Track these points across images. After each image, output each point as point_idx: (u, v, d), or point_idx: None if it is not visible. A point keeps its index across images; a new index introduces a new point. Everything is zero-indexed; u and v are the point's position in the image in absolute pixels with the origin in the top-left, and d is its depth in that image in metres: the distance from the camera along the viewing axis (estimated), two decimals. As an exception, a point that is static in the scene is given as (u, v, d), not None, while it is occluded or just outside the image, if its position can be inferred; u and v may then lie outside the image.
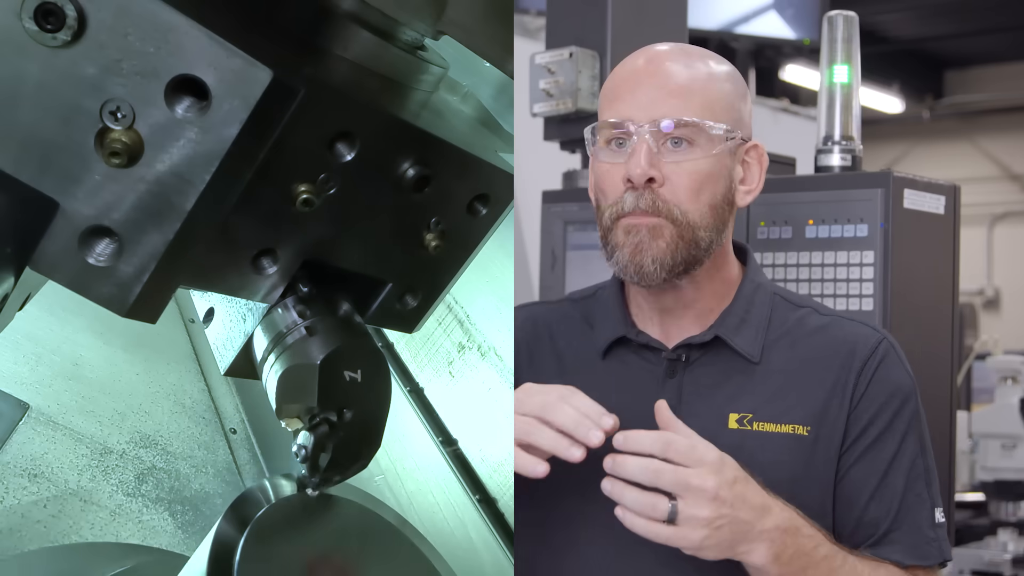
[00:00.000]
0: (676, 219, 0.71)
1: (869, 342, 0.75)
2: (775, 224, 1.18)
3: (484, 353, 1.37)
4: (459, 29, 0.71)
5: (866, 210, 1.12)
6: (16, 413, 1.25)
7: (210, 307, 0.79)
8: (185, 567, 0.69)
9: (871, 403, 0.74)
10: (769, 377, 0.75)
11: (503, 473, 1.28)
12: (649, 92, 0.72)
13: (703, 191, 0.72)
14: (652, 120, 0.71)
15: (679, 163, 0.71)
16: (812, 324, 0.77)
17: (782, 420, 0.73)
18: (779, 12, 3.15)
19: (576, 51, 1.28)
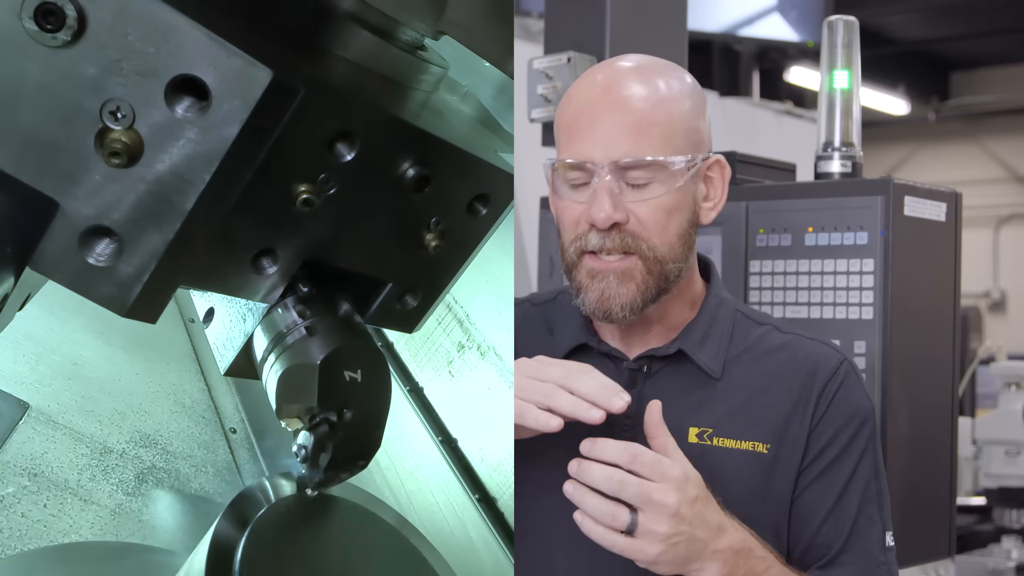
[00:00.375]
0: (645, 255, 0.71)
1: (830, 363, 0.76)
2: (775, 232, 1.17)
3: (484, 353, 1.37)
4: (459, 29, 0.71)
5: (866, 217, 1.11)
6: (16, 412, 1.25)
7: (210, 307, 0.79)
8: (184, 565, 0.69)
9: (830, 424, 0.74)
10: (730, 393, 0.75)
11: (503, 472, 1.28)
12: (608, 128, 0.70)
13: (670, 223, 0.71)
14: (612, 161, 0.70)
15: (644, 200, 0.70)
16: (773, 342, 0.77)
17: (742, 436, 0.74)
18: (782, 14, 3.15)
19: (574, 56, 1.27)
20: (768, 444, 0.73)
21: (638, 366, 0.76)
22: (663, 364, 0.76)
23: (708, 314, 0.77)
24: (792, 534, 0.75)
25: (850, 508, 0.74)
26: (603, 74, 0.73)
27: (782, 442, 0.74)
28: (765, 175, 1.29)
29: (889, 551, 0.75)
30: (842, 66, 1.18)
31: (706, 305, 0.77)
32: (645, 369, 0.75)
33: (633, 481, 0.65)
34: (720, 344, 0.76)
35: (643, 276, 0.71)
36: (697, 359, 0.75)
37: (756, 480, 0.73)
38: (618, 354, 0.76)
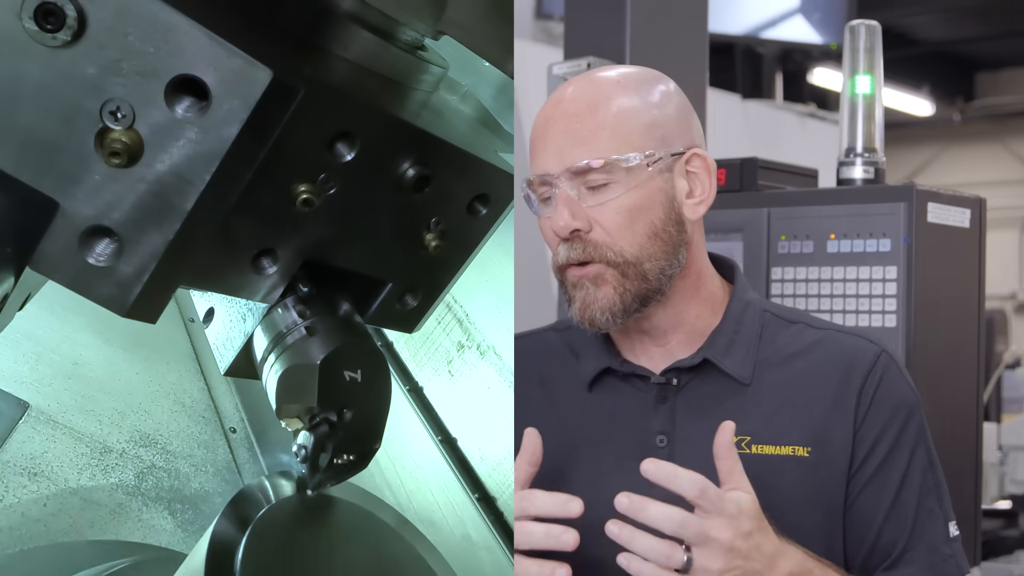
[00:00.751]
0: (612, 260, 0.70)
1: (867, 356, 0.73)
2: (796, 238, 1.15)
3: (483, 352, 1.38)
4: (459, 29, 0.71)
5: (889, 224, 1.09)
6: (16, 412, 1.25)
7: (210, 307, 0.79)
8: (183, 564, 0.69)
9: (876, 421, 0.72)
10: (764, 397, 0.73)
11: (502, 472, 1.28)
12: (557, 141, 0.70)
13: (636, 223, 0.70)
14: (565, 169, 0.69)
15: (603, 204, 0.69)
16: (806, 340, 0.75)
17: (781, 441, 0.71)
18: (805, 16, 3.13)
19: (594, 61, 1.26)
20: (808, 447, 0.71)
21: (666, 380, 0.74)
22: (691, 375, 0.74)
23: (733, 318, 0.74)
24: (852, 541, 0.72)
25: (909, 504, 0.71)
26: (552, 101, 0.73)
27: (824, 444, 0.71)
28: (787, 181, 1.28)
29: (954, 542, 0.73)
30: (864, 71, 1.17)
31: (731, 309, 0.75)
32: (674, 383, 0.73)
33: (694, 520, 0.62)
34: (748, 348, 0.73)
35: (617, 279, 0.70)
36: (724, 366, 0.73)
37: (800, 485, 0.71)
38: (644, 372, 0.75)
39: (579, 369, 0.77)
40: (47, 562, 1.02)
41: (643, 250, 0.70)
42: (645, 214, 0.70)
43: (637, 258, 0.70)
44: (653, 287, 0.71)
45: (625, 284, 0.70)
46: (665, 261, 0.71)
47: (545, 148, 0.71)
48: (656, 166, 0.70)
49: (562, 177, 0.69)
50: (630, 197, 0.69)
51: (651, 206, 0.70)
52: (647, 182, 0.70)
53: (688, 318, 0.74)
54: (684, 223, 0.72)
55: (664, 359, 0.75)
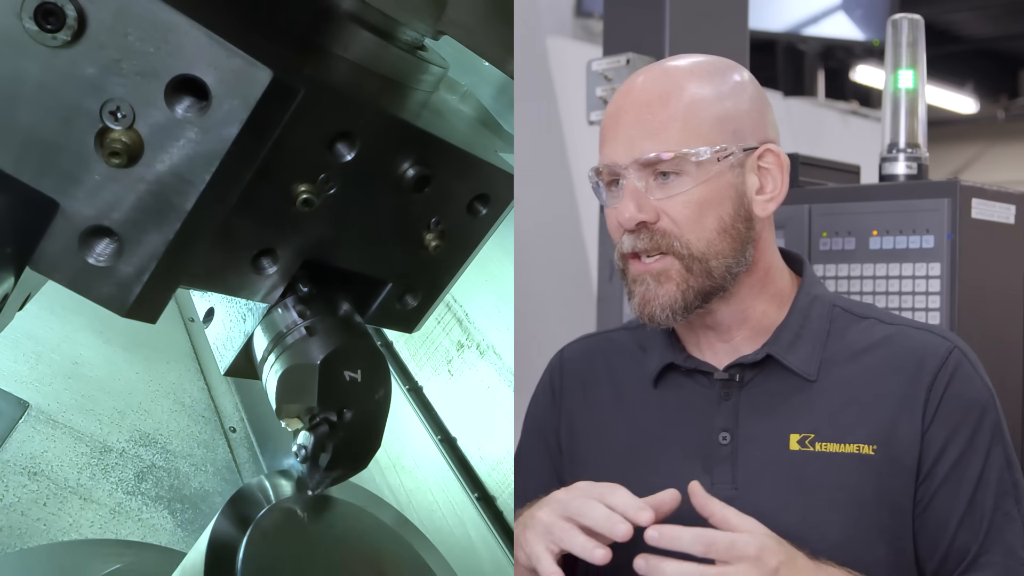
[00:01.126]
0: (679, 253, 0.68)
1: (938, 353, 0.70)
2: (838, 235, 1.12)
3: (483, 352, 1.38)
4: (459, 29, 0.70)
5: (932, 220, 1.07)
6: (16, 411, 1.25)
7: (210, 307, 0.79)
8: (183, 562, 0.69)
9: (947, 421, 0.69)
10: (829, 394, 0.70)
11: (501, 471, 1.28)
12: (628, 131, 0.69)
13: (705, 218, 0.68)
14: (634, 160, 0.68)
15: (672, 196, 0.68)
16: (876, 335, 0.72)
17: (846, 439, 0.69)
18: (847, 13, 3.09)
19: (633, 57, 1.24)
20: (874, 445, 0.68)
21: (729, 376, 0.72)
22: (755, 372, 0.72)
23: (799, 313, 0.72)
24: (925, 545, 0.69)
25: (984, 506, 0.68)
26: (625, 88, 0.72)
27: (890, 442, 0.69)
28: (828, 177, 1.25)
29: None
30: (907, 65, 1.15)
31: (797, 304, 0.73)
32: (737, 379, 0.72)
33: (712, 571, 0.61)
34: (814, 344, 0.71)
35: (682, 275, 0.68)
36: (788, 363, 0.71)
37: (865, 484, 0.68)
38: (707, 367, 0.73)
39: (645, 365, 0.76)
40: (47, 561, 1.02)
41: (711, 246, 0.68)
42: (714, 209, 0.68)
43: (704, 253, 0.68)
44: (717, 284, 0.69)
45: (689, 280, 0.68)
46: (732, 258, 0.69)
47: (615, 138, 0.70)
48: (727, 161, 0.68)
49: (630, 168, 0.68)
50: (699, 191, 0.68)
51: (720, 201, 0.69)
52: (717, 177, 0.68)
53: (754, 314, 0.72)
54: (753, 219, 0.70)
55: (729, 355, 0.73)
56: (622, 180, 0.69)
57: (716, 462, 0.71)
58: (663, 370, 0.75)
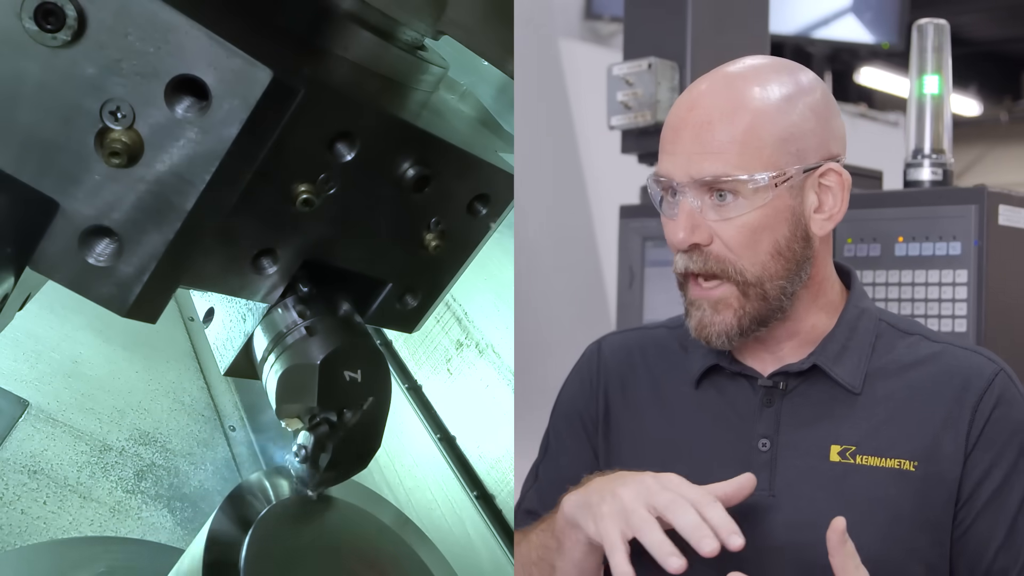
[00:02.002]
0: (733, 278, 0.67)
1: (984, 374, 0.70)
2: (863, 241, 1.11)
3: (482, 350, 1.38)
4: (459, 29, 0.70)
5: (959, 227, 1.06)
6: (16, 410, 1.25)
7: (210, 307, 0.79)
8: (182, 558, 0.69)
9: (991, 444, 0.68)
10: (873, 408, 0.69)
11: (500, 470, 1.29)
12: (687, 147, 0.67)
13: (760, 242, 0.67)
14: (691, 179, 0.67)
15: (728, 219, 0.67)
16: (921, 352, 0.72)
17: (887, 454, 0.68)
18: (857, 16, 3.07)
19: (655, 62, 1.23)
20: (915, 461, 0.68)
21: (773, 383, 0.71)
22: (799, 380, 0.71)
23: (847, 325, 0.72)
24: (964, 567, 0.69)
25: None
26: (690, 96, 0.70)
27: (931, 460, 0.68)
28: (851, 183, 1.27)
29: None
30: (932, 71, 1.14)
31: (845, 316, 0.72)
32: (781, 386, 0.71)
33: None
34: (860, 357, 0.71)
35: (739, 302, 0.68)
36: (834, 374, 0.70)
37: (904, 500, 0.68)
38: (751, 372, 0.73)
39: (687, 365, 0.75)
40: (47, 558, 1.02)
41: (765, 269, 0.68)
42: (769, 233, 0.67)
43: (758, 278, 0.67)
44: (773, 307, 0.68)
45: (746, 307, 0.68)
46: (787, 280, 0.68)
47: (674, 152, 0.68)
48: (786, 185, 0.67)
49: (688, 187, 0.67)
50: (755, 216, 0.67)
51: (776, 224, 0.67)
52: (774, 201, 0.67)
53: (804, 327, 0.72)
54: (811, 239, 0.69)
55: (773, 363, 0.73)
56: (678, 195, 0.68)
57: (754, 468, 0.70)
58: (706, 372, 0.74)
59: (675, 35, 1.26)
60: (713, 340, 0.69)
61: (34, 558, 1.02)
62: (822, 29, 3.15)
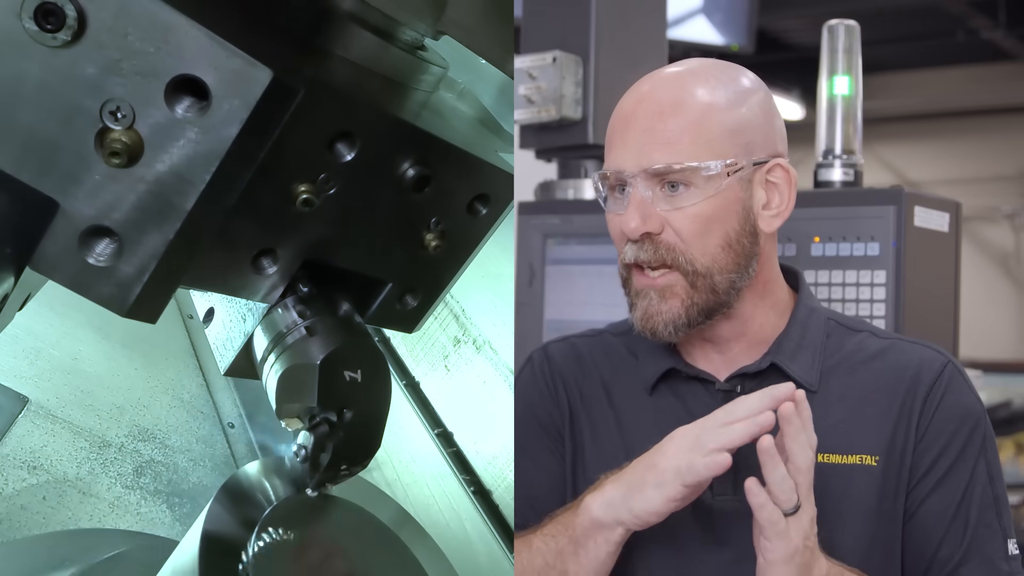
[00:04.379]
0: (682, 267, 0.67)
1: (934, 366, 0.71)
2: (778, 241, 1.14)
3: (479, 347, 1.38)
4: (459, 29, 0.70)
5: (877, 228, 1.07)
6: (15, 406, 1.25)
7: (210, 307, 0.80)
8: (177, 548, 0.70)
9: (940, 433, 0.70)
10: (830, 406, 0.71)
11: (497, 465, 1.29)
12: (638, 138, 0.68)
13: (710, 233, 0.67)
14: (642, 170, 0.67)
15: (679, 208, 0.67)
16: (871, 348, 0.73)
17: (848, 450, 0.69)
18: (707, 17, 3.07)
19: (560, 55, 1.22)
20: (876, 456, 0.69)
21: (731, 387, 0.72)
22: (757, 381, 0.72)
23: (799, 324, 0.72)
24: (912, 552, 0.70)
25: (968, 517, 0.69)
26: (637, 92, 0.70)
27: (890, 453, 0.69)
28: None
29: (1013, 560, 0.70)
30: (843, 71, 1.15)
31: (796, 315, 0.73)
32: (739, 389, 0.72)
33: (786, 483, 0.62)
34: (814, 355, 0.72)
35: (687, 291, 0.68)
36: (791, 371, 0.71)
37: (868, 495, 0.69)
38: (708, 376, 0.73)
39: (640, 371, 0.75)
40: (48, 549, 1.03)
41: (715, 261, 0.68)
42: (720, 224, 0.68)
43: (708, 269, 0.68)
44: (721, 300, 0.69)
45: (693, 297, 0.68)
46: (736, 274, 0.69)
47: (624, 145, 0.68)
48: (736, 175, 0.67)
49: (638, 177, 0.67)
50: (707, 205, 0.67)
51: (727, 216, 0.68)
52: (726, 191, 0.67)
53: (752, 327, 0.72)
54: (758, 234, 0.70)
55: (725, 365, 0.73)
56: (628, 188, 0.68)
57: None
58: (660, 377, 0.75)
59: (579, 29, 1.24)
60: (660, 330, 0.69)
61: (31, 549, 1.03)
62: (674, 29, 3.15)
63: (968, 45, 4.56)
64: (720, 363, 0.74)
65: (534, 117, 1.24)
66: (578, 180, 1.34)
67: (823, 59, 1.18)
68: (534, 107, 1.24)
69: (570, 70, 1.23)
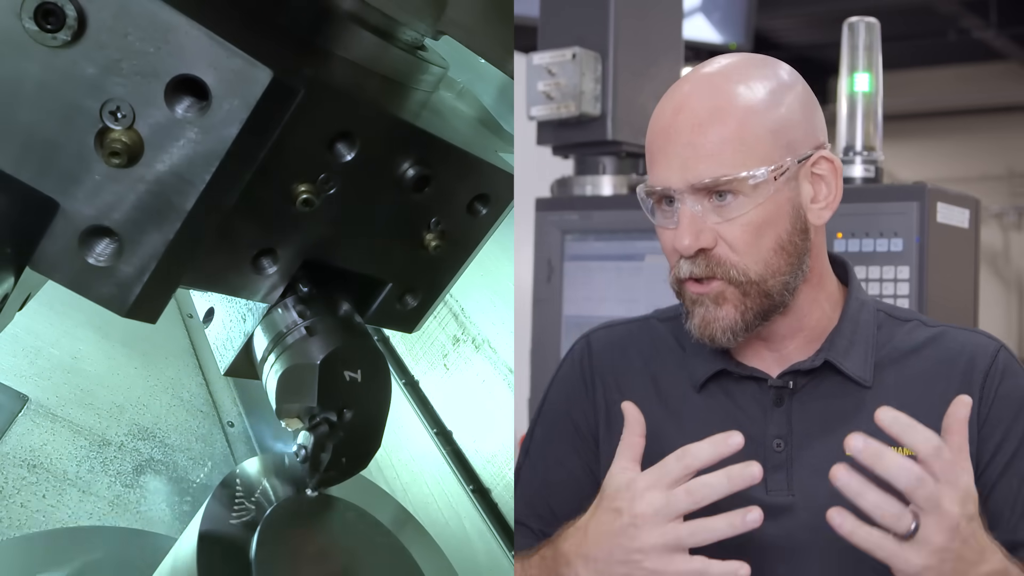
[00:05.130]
0: (734, 279, 0.66)
1: (988, 351, 0.70)
2: None
3: (478, 346, 1.38)
4: (459, 29, 0.70)
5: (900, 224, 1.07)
6: (15, 405, 1.25)
7: (210, 307, 0.80)
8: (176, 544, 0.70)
9: (1001, 418, 0.69)
10: (883, 398, 0.68)
11: (497, 464, 1.29)
12: (680, 152, 0.66)
13: (763, 238, 0.66)
14: (689, 186, 0.66)
15: (730, 220, 0.66)
16: (921, 337, 0.72)
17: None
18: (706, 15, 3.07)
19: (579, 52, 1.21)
20: None
21: (783, 383, 0.70)
22: (809, 378, 0.70)
23: (850, 319, 0.71)
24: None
25: None
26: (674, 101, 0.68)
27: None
28: None
29: None
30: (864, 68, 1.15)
31: (847, 310, 0.71)
32: (791, 385, 0.70)
33: (931, 481, 0.57)
34: (867, 349, 0.70)
35: (738, 298, 0.67)
36: (845, 368, 0.70)
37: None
38: (760, 374, 0.71)
39: (689, 367, 0.74)
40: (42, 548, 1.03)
41: (768, 266, 0.67)
42: (772, 228, 0.67)
43: (761, 276, 0.67)
44: (776, 302, 0.68)
45: (747, 303, 0.67)
46: (790, 275, 0.68)
47: (667, 160, 0.67)
48: (785, 175, 0.66)
49: (685, 193, 0.66)
50: (757, 213, 0.66)
51: (778, 219, 0.67)
52: (774, 195, 0.66)
53: (809, 323, 0.71)
54: (809, 230, 0.68)
55: (778, 362, 0.72)
56: (677, 203, 0.67)
57: (771, 469, 0.69)
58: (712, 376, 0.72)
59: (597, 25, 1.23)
60: (718, 336, 0.68)
61: (29, 546, 1.03)
62: (674, 28, 3.13)
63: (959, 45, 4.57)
64: (772, 360, 0.72)
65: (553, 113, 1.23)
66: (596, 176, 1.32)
67: (843, 56, 1.17)
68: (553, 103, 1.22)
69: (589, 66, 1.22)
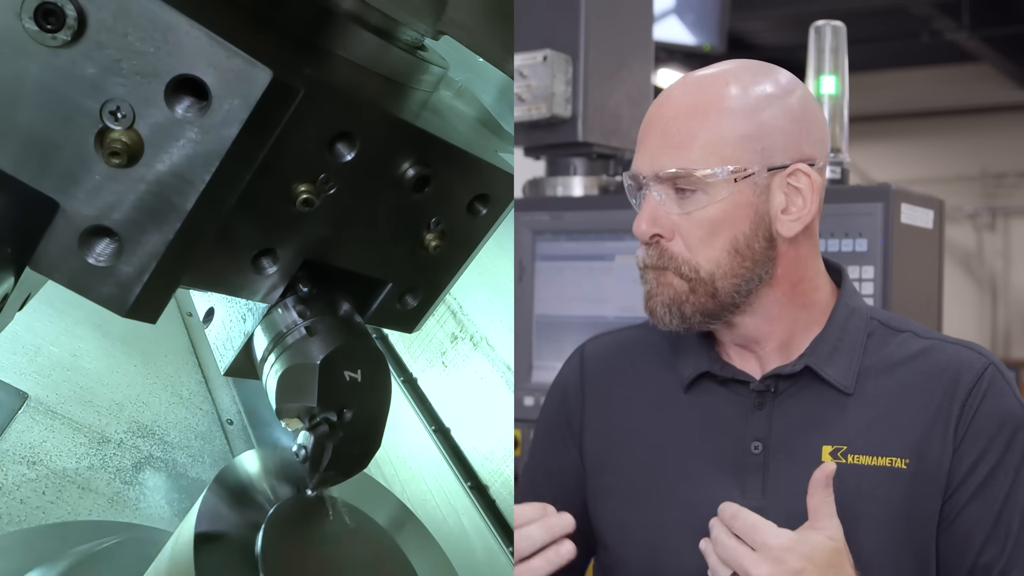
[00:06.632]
0: (685, 274, 0.68)
1: (974, 368, 0.70)
2: None
3: (476, 343, 1.38)
4: (459, 29, 0.70)
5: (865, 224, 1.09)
6: (15, 402, 1.25)
7: (210, 307, 0.80)
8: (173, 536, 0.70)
9: (979, 437, 0.68)
10: (864, 407, 0.70)
11: (495, 461, 1.29)
12: (653, 143, 0.69)
13: (717, 237, 0.67)
14: (654, 174, 0.68)
15: (688, 213, 0.68)
16: (911, 349, 0.72)
17: (878, 452, 0.68)
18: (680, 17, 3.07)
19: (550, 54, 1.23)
20: (907, 459, 0.68)
21: (765, 387, 0.72)
22: (791, 383, 0.71)
23: (837, 326, 0.72)
24: (949, 560, 0.69)
25: (1011, 524, 0.68)
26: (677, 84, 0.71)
27: (923, 456, 0.68)
28: None
29: None
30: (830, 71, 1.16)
31: (835, 316, 0.72)
32: (773, 389, 0.72)
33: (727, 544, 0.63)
34: (852, 357, 0.71)
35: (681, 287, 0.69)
36: (825, 375, 0.70)
37: (896, 498, 0.68)
38: (744, 377, 0.73)
39: (676, 369, 0.75)
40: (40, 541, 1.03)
41: (719, 266, 0.68)
42: (728, 229, 0.68)
43: (711, 275, 0.68)
44: (724, 303, 0.69)
45: (689, 295, 0.68)
46: (742, 278, 0.69)
47: (642, 148, 0.70)
48: (746, 181, 0.67)
49: (651, 180, 0.69)
50: (713, 210, 0.67)
51: (736, 221, 0.68)
52: (735, 196, 0.67)
53: (778, 328, 0.72)
54: (775, 239, 0.69)
55: (759, 365, 0.73)
56: (644, 189, 0.70)
57: (747, 471, 0.71)
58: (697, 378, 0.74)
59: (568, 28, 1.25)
60: (659, 311, 0.69)
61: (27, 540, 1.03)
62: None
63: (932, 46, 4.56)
64: (753, 363, 0.73)
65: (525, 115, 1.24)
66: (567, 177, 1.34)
67: (810, 59, 1.19)
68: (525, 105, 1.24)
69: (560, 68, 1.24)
